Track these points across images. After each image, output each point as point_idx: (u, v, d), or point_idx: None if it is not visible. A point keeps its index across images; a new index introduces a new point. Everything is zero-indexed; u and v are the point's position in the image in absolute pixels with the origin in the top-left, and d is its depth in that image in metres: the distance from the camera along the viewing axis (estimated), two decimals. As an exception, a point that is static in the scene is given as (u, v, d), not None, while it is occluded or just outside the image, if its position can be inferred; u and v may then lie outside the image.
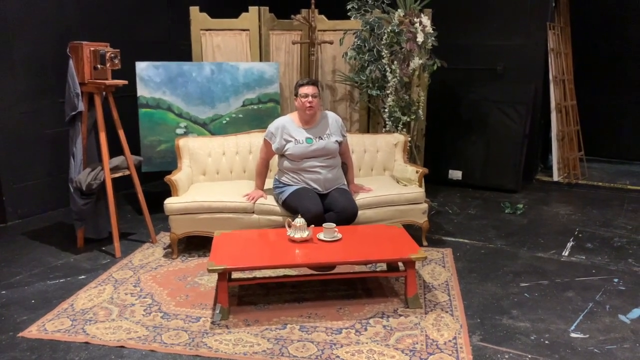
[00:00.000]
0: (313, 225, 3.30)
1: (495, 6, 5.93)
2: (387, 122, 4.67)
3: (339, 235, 3.25)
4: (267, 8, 4.98)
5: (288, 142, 3.72)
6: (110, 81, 3.78)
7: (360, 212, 3.73)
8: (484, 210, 5.08)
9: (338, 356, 2.62)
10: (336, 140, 3.79)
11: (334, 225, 3.27)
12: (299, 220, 3.23)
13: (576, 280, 3.52)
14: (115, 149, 4.06)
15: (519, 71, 5.90)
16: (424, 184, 4.17)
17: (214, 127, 4.79)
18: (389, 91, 4.58)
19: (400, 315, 3.01)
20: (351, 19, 4.66)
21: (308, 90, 3.68)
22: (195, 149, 4.29)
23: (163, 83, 4.63)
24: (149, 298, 3.24)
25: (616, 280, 3.52)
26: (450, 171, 5.96)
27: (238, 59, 5.00)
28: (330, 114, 3.91)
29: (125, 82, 3.88)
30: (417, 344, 2.72)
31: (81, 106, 3.81)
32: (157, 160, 4.72)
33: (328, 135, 3.78)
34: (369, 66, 4.58)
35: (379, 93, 4.65)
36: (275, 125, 3.79)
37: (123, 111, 4.15)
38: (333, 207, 3.61)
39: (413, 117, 4.69)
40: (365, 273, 3.47)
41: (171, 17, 5.91)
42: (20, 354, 2.66)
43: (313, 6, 4.99)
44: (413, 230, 3.98)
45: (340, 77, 5.07)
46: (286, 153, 3.72)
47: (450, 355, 2.62)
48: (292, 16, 5.06)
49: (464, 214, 4.97)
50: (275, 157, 3.93)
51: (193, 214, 3.80)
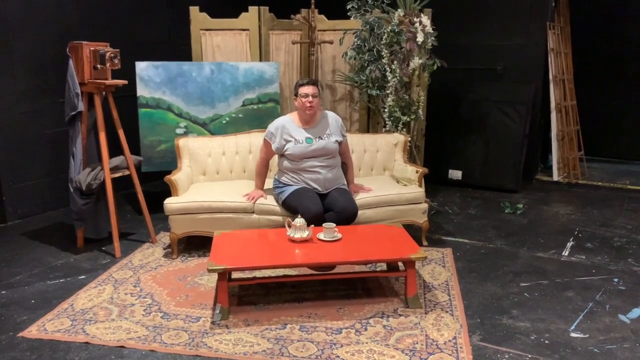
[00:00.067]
0: (313, 225, 3.31)
1: (495, 6, 5.93)
2: (387, 122, 4.67)
3: (339, 235, 3.25)
4: (267, 8, 4.98)
5: (288, 142, 3.71)
6: (110, 81, 3.78)
7: (360, 212, 3.73)
8: (484, 210, 5.08)
9: (338, 356, 2.62)
10: (336, 140, 3.79)
11: (334, 225, 3.27)
12: (299, 220, 3.23)
13: (576, 280, 3.52)
14: (115, 149, 4.06)
15: (519, 71, 5.89)
16: (423, 184, 4.17)
17: (213, 127, 4.79)
18: (388, 91, 4.58)
19: (400, 315, 3.01)
20: (351, 18, 4.66)
21: (308, 90, 3.68)
22: (195, 148, 4.29)
23: (163, 83, 4.63)
24: (148, 298, 3.24)
25: (616, 280, 3.52)
26: (450, 171, 5.95)
27: (238, 59, 5.00)
28: (330, 113, 3.91)
29: (125, 82, 3.88)
30: (417, 343, 2.72)
31: (81, 106, 3.81)
32: (157, 160, 4.72)
33: (328, 135, 3.78)
34: (369, 66, 4.58)
35: (378, 93, 4.65)
36: (275, 125, 3.79)
37: (123, 111, 4.14)
38: (333, 207, 3.61)
39: (413, 117, 4.69)
40: (365, 273, 3.47)
41: (171, 17, 5.91)
42: (20, 354, 2.67)
43: (313, 6, 4.99)
44: (413, 230, 3.98)
45: (340, 77, 5.06)
46: (286, 153, 3.72)
47: (450, 355, 2.62)
48: (292, 16, 5.06)
49: (463, 213, 4.97)
50: (275, 157, 3.93)
51: (193, 213, 3.80)
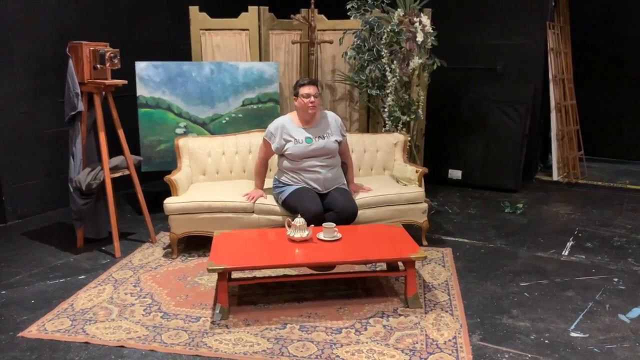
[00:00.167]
0: (313, 225, 3.31)
1: (495, 6, 5.93)
2: (387, 122, 4.67)
3: (339, 235, 3.25)
4: (267, 8, 4.98)
5: (288, 142, 3.71)
6: (109, 81, 3.78)
7: (360, 212, 3.73)
8: (484, 209, 5.08)
9: (338, 356, 2.62)
10: (336, 140, 3.79)
11: (334, 224, 3.27)
12: (299, 220, 3.22)
13: (576, 279, 3.52)
14: (115, 149, 4.06)
15: (519, 71, 5.89)
16: (423, 184, 4.17)
17: (213, 127, 4.79)
18: (388, 91, 4.58)
19: (400, 315, 3.01)
20: (351, 18, 4.66)
21: (310, 90, 3.68)
22: (194, 148, 4.29)
23: (162, 83, 4.63)
24: (148, 298, 3.24)
25: (616, 279, 3.52)
26: (450, 171, 5.95)
27: (238, 59, 5.00)
28: (330, 113, 3.91)
29: (124, 82, 3.88)
30: (417, 343, 2.72)
31: (81, 106, 3.81)
32: (157, 160, 4.72)
33: (328, 134, 3.78)
34: (369, 66, 4.58)
35: (378, 92, 4.65)
36: (274, 125, 3.79)
37: (123, 111, 4.14)
38: (333, 207, 3.61)
39: (413, 117, 4.69)
40: (365, 273, 3.47)
41: (171, 17, 5.91)
42: (20, 354, 2.67)
43: (313, 6, 4.99)
44: (413, 229, 3.98)
45: (340, 77, 5.06)
46: (286, 153, 3.72)
47: (450, 354, 2.62)
48: (292, 16, 5.06)
49: (463, 213, 4.97)
50: (275, 157, 3.93)
51: (193, 213, 3.80)
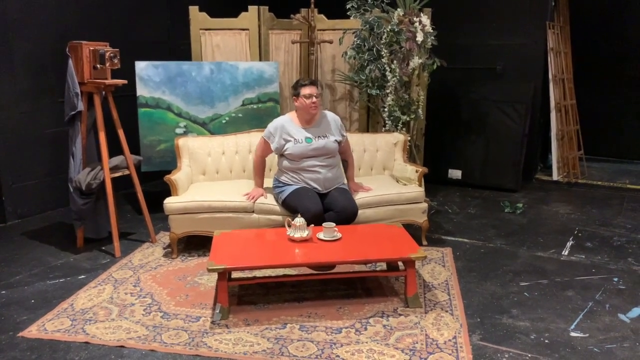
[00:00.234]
0: (313, 225, 3.31)
1: (495, 5, 5.93)
2: (387, 122, 4.67)
3: (339, 235, 3.25)
4: (267, 7, 4.98)
5: (287, 142, 3.71)
6: (109, 81, 3.78)
7: (360, 212, 3.73)
8: (484, 209, 5.08)
9: (338, 355, 2.62)
10: (335, 140, 3.80)
11: (334, 224, 3.27)
12: (299, 220, 3.22)
13: (576, 279, 3.52)
14: (115, 149, 4.06)
15: (519, 70, 5.89)
16: (423, 183, 4.17)
17: (213, 127, 4.79)
18: (388, 90, 4.58)
19: (400, 315, 3.01)
20: (351, 18, 4.66)
21: (312, 90, 3.68)
22: (194, 148, 4.29)
23: (162, 83, 4.63)
24: (148, 298, 3.24)
25: (616, 279, 3.52)
26: (449, 170, 5.96)
27: (237, 59, 5.00)
28: (329, 113, 3.92)
29: (124, 82, 3.88)
30: (417, 343, 2.72)
31: (81, 106, 3.81)
32: (157, 159, 4.72)
33: (327, 134, 3.78)
34: (369, 65, 4.57)
35: (378, 92, 4.65)
36: (274, 125, 3.79)
37: (122, 111, 4.14)
38: (333, 207, 3.61)
39: (413, 117, 4.69)
40: (365, 272, 3.47)
41: (171, 17, 5.91)
42: (20, 354, 2.67)
43: (312, 5, 4.99)
44: (413, 229, 3.98)
45: (340, 77, 5.06)
46: (285, 153, 3.72)
47: (450, 354, 2.62)
48: (292, 15, 5.06)
49: (463, 213, 4.97)
50: (275, 156, 3.92)
51: (193, 213, 3.80)
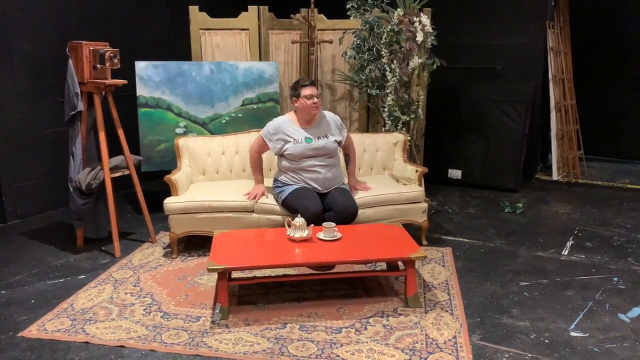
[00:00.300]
0: (313, 225, 3.31)
1: (495, 5, 5.93)
2: (387, 122, 4.67)
3: (339, 235, 3.25)
4: (267, 7, 4.98)
5: (287, 142, 3.71)
6: (109, 81, 3.78)
7: (360, 211, 3.73)
8: (484, 209, 5.08)
9: (338, 355, 2.62)
10: (335, 140, 3.80)
11: (334, 224, 3.27)
12: (299, 220, 3.23)
13: (576, 279, 3.53)
14: (115, 149, 4.06)
15: (519, 70, 5.89)
16: (423, 183, 4.17)
17: (213, 127, 4.79)
18: (388, 90, 4.58)
19: (400, 315, 3.01)
20: (350, 18, 4.66)
21: (312, 91, 3.68)
22: (194, 148, 4.29)
23: (162, 82, 4.63)
24: (148, 298, 3.25)
25: (616, 279, 3.52)
26: (449, 170, 5.96)
27: (237, 59, 5.00)
28: (328, 113, 3.92)
29: (124, 82, 3.88)
30: (417, 343, 2.72)
31: (80, 106, 3.81)
32: (157, 159, 4.72)
33: (327, 134, 3.78)
34: (369, 65, 4.57)
35: (378, 92, 4.65)
36: (273, 125, 3.79)
37: (122, 111, 4.14)
38: (333, 207, 3.61)
39: (413, 117, 4.69)
40: (365, 272, 3.47)
41: (171, 17, 5.91)
42: (20, 354, 2.67)
43: (312, 5, 4.99)
44: (413, 229, 3.98)
45: (340, 77, 5.06)
46: (285, 153, 3.72)
47: (450, 354, 2.63)
48: (292, 15, 5.06)
49: (463, 213, 4.97)
50: (274, 156, 3.92)
51: (193, 213, 3.80)
